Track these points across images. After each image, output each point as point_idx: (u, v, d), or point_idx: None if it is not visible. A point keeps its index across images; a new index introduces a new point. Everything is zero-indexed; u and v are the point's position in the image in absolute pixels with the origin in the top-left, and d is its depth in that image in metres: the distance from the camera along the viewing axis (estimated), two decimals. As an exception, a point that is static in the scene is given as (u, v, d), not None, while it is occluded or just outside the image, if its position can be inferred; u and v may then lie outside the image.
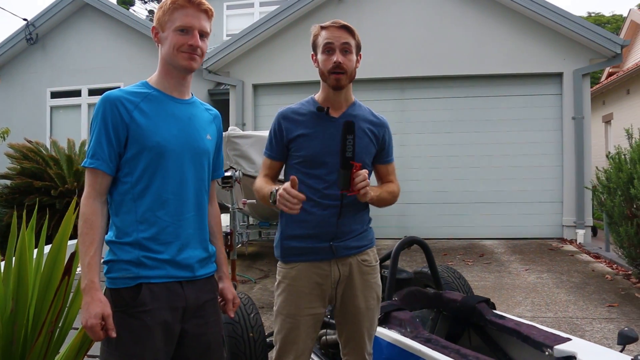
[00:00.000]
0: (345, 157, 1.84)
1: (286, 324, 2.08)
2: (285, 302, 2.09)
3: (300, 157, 2.09)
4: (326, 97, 2.13)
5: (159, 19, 1.81)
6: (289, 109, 2.17)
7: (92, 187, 1.72)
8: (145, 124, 1.75)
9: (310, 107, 2.13)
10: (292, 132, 2.10)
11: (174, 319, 1.76)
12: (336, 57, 2.01)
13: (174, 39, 1.77)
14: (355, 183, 1.87)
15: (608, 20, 30.44)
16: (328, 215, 2.05)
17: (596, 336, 4.20)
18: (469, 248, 8.25)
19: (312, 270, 2.08)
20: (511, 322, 2.61)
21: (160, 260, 1.74)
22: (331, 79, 2.04)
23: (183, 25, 1.77)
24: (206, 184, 1.93)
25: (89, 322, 1.62)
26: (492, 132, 9.08)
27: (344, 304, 2.14)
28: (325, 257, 2.07)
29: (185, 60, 1.79)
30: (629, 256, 5.65)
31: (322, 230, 2.06)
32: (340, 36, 2.03)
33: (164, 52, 1.81)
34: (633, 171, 5.46)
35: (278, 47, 9.50)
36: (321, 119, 2.10)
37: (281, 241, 2.14)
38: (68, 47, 10.98)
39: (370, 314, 2.17)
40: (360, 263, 2.14)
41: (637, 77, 12.48)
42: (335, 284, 2.10)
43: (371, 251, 2.21)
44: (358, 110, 2.17)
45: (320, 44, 2.06)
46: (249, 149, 6.32)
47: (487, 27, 8.98)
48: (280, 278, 2.13)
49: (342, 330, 2.21)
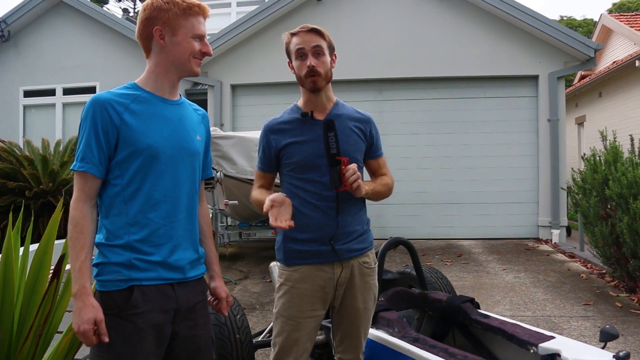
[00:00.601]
0: (331, 154, 1.88)
1: (287, 327, 2.08)
2: (288, 305, 2.09)
3: (292, 164, 2.10)
4: (307, 101, 2.15)
5: (168, 21, 1.77)
6: (274, 120, 2.19)
7: (81, 191, 1.70)
8: (136, 126, 1.73)
9: (295, 115, 2.15)
10: (280, 142, 2.12)
11: (166, 321, 1.74)
12: (309, 61, 2.04)
13: (191, 46, 1.79)
14: (347, 178, 1.91)
15: (579, 24, 31.10)
16: (328, 217, 2.06)
17: (574, 334, 4.29)
18: (447, 248, 8.34)
19: (315, 273, 2.08)
20: (496, 321, 2.65)
21: (151, 262, 1.73)
22: (308, 82, 2.06)
23: (200, 33, 1.81)
24: (197, 185, 1.93)
25: (81, 327, 1.60)
26: (468, 133, 9.20)
27: (343, 305, 2.15)
28: (328, 259, 2.08)
29: (197, 66, 1.85)
30: (603, 255, 5.78)
31: (324, 233, 2.07)
32: (310, 40, 2.06)
33: (173, 56, 1.79)
34: (608, 172, 5.58)
35: (257, 47, 9.48)
36: (307, 124, 2.11)
37: (283, 244, 2.14)
38: (42, 45, 10.78)
39: (367, 314, 2.21)
40: (361, 265, 2.16)
41: (609, 80, 12.78)
42: (336, 286, 2.11)
43: (371, 253, 2.23)
44: (342, 110, 2.19)
45: (293, 50, 2.09)
46: (230, 150, 6.29)
47: (465, 29, 9.10)
48: (282, 280, 2.13)
49: (338, 329, 2.21)
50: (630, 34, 12.91)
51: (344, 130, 2.10)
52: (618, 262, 5.56)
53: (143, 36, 1.81)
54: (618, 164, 5.46)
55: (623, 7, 30.06)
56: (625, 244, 5.17)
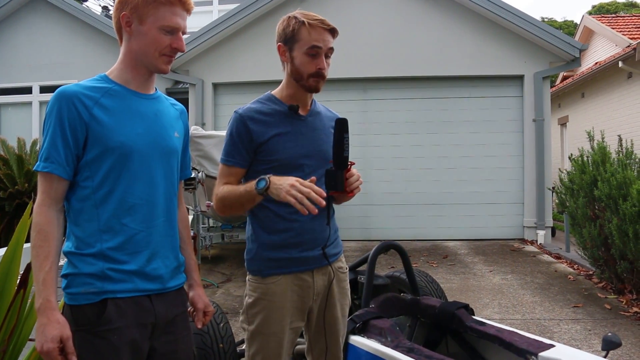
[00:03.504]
0: (343, 157, 1.73)
1: (269, 343, 1.91)
2: (267, 320, 1.91)
3: (274, 161, 1.89)
4: (293, 95, 1.96)
5: (136, 7, 1.59)
6: (250, 109, 1.95)
7: (46, 194, 1.53)
8: (107, 122, 1.57)
9: (275, 106, 1.95)
10: (263, 134, 1.89)
11: (143, 336, 1.59)
12: (320, 62, 1.88)
13: (158, 39, 1.60)
14: (350, 183, 1.78)
15: (560, 25, 31.44)
16: (313, 221, 1.90)
17: (564, 337, 4.21)
18: (432, 249, 8.26)
19: (295, 283, 1.93)
20: (492, 328, 2.53)
21: (127, 272, 1.57)
22: (311, 82, 1.89)
23: (170, 25, 1.61)
24: (175, 186, 1.78)
25: (44, 346, 1.43)
26: (454, 133, 9.14)
27: (321, 316, 2.00)
28: (310, 267, 1.94)
29: (165, 63, 1.65)
30: (591, 257, 5.73)
31: (309, 237, 1.93)
32: (328, 40, 1.91)
33: (137, 47, 1.62)
34: (596, 173, 5.53)
35: (239, 45, 9.32)
36: (291, 118, 1.94)
37: (258, 252, 1.95)
38: (17, 42, 10.47)
39: (344, 322, 2.11)
40: (337, 271, 2.04)
41: (592, 81, 12.85)
42: (316, 296, 1.97)
43: (343, 257, 2.14)
44: (319, 107, 2.08)
45: (305, 43, 1.87)
46: (212, 150, 6.12)
47: (450, 29, 9.04)
48: (258, 295, 1.92)
49: (316, 343, 2.05)
50: (612, 36, 13.00)
51: (324, 129, 1.99)
52: (606, 263, 5.52)
53: (115, 23, 1.66)
54: (607, 165, 5.41)
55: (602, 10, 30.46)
56: (614, 246, 5.12)
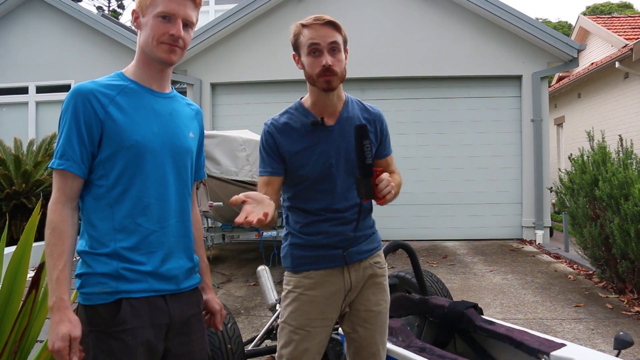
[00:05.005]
0: (366, 165, 1.71)
1: (296, 336, 1.90)
2: (296, 313, 1.92)
3: (302, 175, 1.92)
4: (316, 100, 1.94)
5: (140, 1, 1.61)
6: (278, 122, 1.93)
7: (61, 192, 1.51)
8: (122, 121, 1.55)
9: (302, 118, 1.93)
10: (289, 148, 1.90)
11: (157, 337, 1.57)
12: (325, 59, 1.82)
13: (154, 27, 1.57)
14: (380, 189, 1.72)
15: (554, 26, 31.55)
16: (343, 229, 1.92)
17: (567, 337, 4.20)
18: (431, 249, 8.25)
19: (326, 279, 1.93)
20: (502, 327, 2.53)
21: (141, 272, 1.55)
22: (321, 82, 1.85)
23: (165, 11, 1.57)
24: (189, 186, 1.75)
25: (55, 345, 1.42)
26: (452, 133, 9.14)
27: (355, 310, 1.99)
28: (338, 264, 1.94)
29: (165, 52, 1.59)
30: (592, 256, 5.73)
31: (336, 239, 1.93)
32: (327, 34, 1.84)
33: (142, 41, 1.61)
34: (596, 173, 5.54)
35: (237, 45, 9.29)
36: (317, 129, 1.92)
37: (290, 251, 1.97)
38: (13, 42, 10.39)
39: (381, 318, 2.02)
40: (372, 265, 2.01)
41: (589, 82, 12.88)
42: (347, 291, 1.96)
43: (381, 252, 2.09)
44: (352, 110, 2.00)
45: (304, 45, 1.85)
46: (214, 150, 6.07)
47: (448, 29, 9.04)
48: (290, 288, 1.97)
49: (351, 340, 2.03)
50: (607, 36, 13.05)
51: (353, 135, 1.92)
52: (607, 263, 5.52)
53: (132, 22, 1.66)
54: (607, 165, 5.41)
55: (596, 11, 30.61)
56: (615, 245, 5.12)
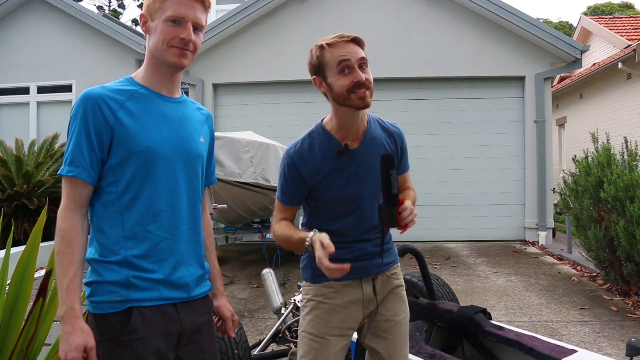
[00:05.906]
0: (392, 194, 1.69)
1: (315, 345, 1.88)
2: (315, 321, 1.91)
3: (326, 199, 1.90)
4: (343, 122, 1.86)
5: (148, 5, 1.58)
6: (300, 151, 1.88)
7: (70, 199, 1.49)
8: (132, 126, 1.53)
9: (325, 143, 1.88)
10: (314, 176, 1.87)
11: (168, 346, 1.55)
12: (358, 75, 1.76)
13: (164, 31, 1.55)
14: (403, 217, 1.72)
15: (556, 26, 31.51)
16: (364, 245, 1.92)
17: (573, 340, 4.18)
18: (434, 251, 8.23)
19: (345, 288, 1.92)
20: (511, 333, 2.51)
21: (152, 281, 1.53)
22: (354, 99, 1.76)
23: (175, 15, 1.55)
24: (200, 192, 1.73)
25: (69, 355, 1.39)
26: (455, 134, 9.12)
27: (374, 321, 1.96)
28: (359, 275, 1.92)
29: (175, 56, 1.57)
30: (596, 258, 5.71)
31: (357, 254, 1.92)
32: (354, 51, 1.79)
33: (151, 45, 1.59)
34: (601, 175, 5.51)
35: (239, 46, 9.27)
36: (341, 155, 1.88)
37: (311, 263, 1.94)
38: (14, 42, 10.37)
39: (401, 329, 1.99)
40: (390, 277, 2.00)
41: (591, 82, 12.86)
42: (366, 302, 1.94)
43: (398, 266, 2.07)
44: (374, 130, 1.95)
45: (333, 64, 1.77)
46: (218, 152, 6.03)
47: (451, 30, 9.02)
48: (309, 296, 1.96)
49: (374, 353, 2.00)
50: (609, 37, 13.02)
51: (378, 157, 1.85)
52: (611, 265, 5.50)
53: (141, 27, 1.64)
54: (613, 166, 5.39)
55: (597, 11, 30.59)
56: (620, 247, 5.10)
